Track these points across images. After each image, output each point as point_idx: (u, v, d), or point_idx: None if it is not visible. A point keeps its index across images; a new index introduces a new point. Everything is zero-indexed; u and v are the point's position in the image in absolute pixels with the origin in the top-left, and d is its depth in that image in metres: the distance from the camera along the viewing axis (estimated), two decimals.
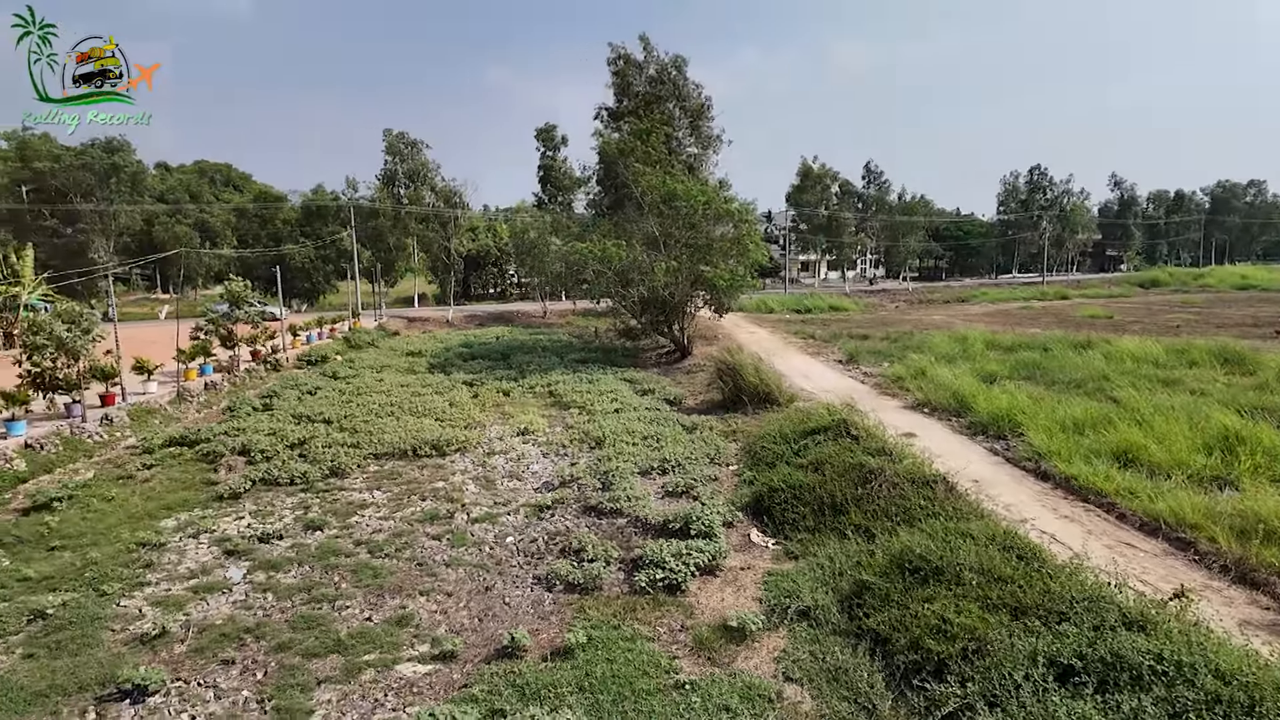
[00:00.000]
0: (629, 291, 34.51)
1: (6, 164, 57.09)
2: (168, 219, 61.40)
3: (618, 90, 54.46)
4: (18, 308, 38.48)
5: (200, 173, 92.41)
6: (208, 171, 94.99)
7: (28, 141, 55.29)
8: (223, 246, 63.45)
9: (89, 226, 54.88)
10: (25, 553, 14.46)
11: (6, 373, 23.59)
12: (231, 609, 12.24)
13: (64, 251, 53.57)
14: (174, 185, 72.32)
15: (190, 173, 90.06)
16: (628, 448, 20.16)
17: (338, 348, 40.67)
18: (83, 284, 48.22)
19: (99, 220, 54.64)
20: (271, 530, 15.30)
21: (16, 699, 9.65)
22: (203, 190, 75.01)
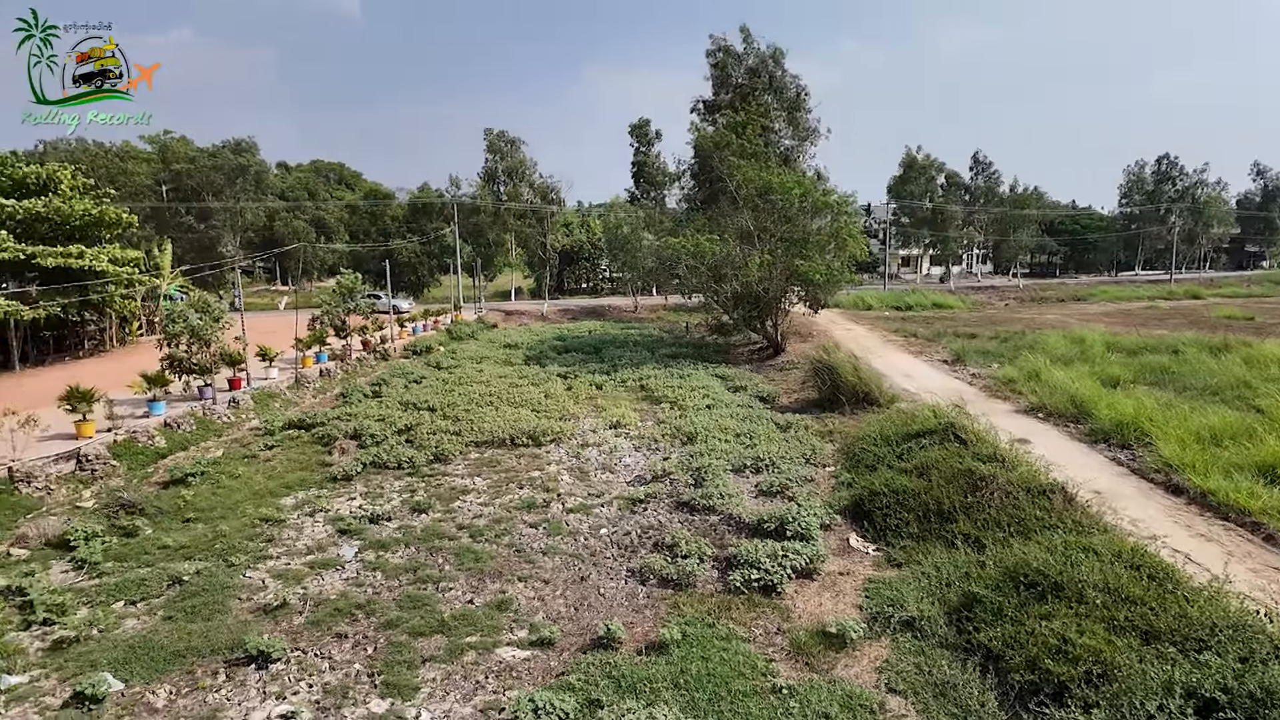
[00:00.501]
0: (722, 287, 34.19)
1: (149, 165, 62.48)
2: (287, 215, 65.76)
3: (716, 82, 53.97)
4: (158, 298, 42.08)
5: (316, 171, 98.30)
6: (322, 170, 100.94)
7: (168, 145, 60.46)
8: (336, 241, 67.41)
9: (219, 222, 59.45)
10: (165, 523, 15.75)
11: (150, 357, 25.79)
12: (344, 585, 12.92)
13: (197, 246, 58.28)
14: (293, 184, 77.27)
15: (307, 171, 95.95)
16: (720, 444, 19.98)
17: (440, 339, 42.30)
18: (213, 275, 52.18)
19: (227, 216, 59.09)
20: (381, 512, 16.06)
21: (158, 657, 10.51)
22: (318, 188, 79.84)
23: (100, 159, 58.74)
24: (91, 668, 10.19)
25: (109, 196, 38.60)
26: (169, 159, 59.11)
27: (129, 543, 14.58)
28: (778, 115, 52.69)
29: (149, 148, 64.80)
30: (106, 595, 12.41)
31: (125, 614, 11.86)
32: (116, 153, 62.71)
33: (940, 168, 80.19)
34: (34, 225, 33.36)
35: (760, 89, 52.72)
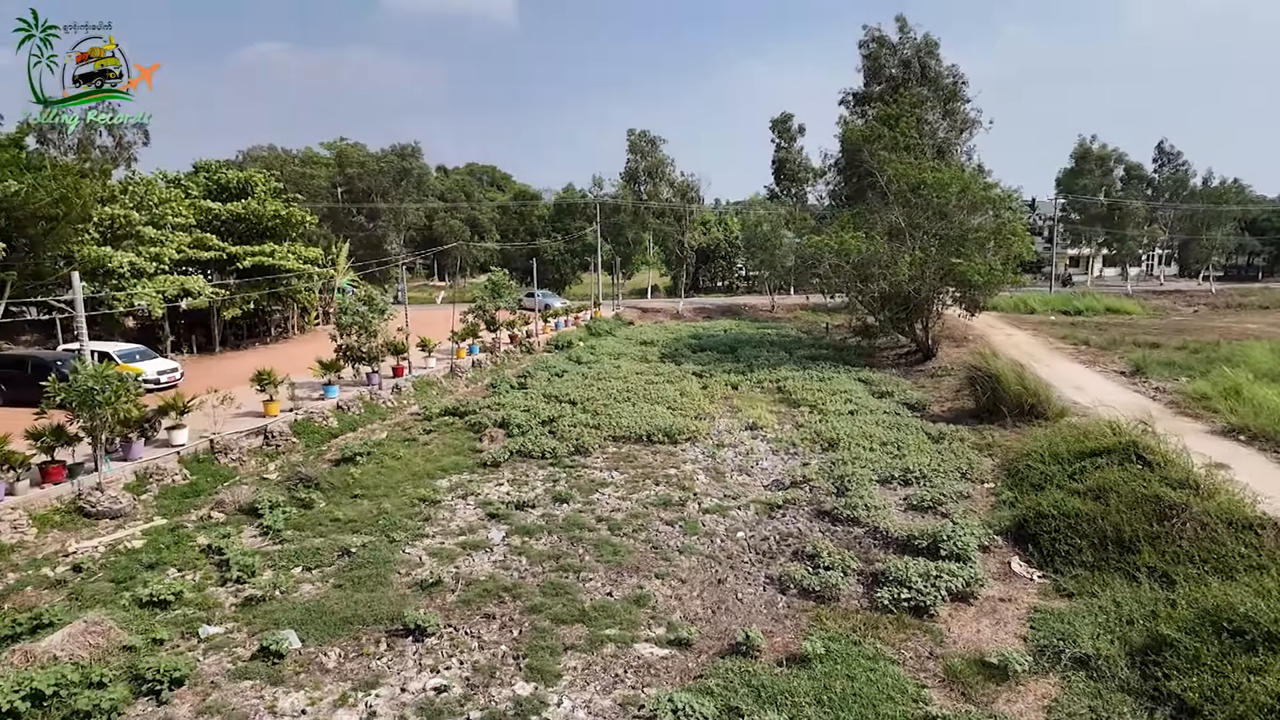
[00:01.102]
0: (868, 286, 32.72)
1: (327, 169, 68.70)
2: (445, 215, 70.27)
3: (867, 74, 51.92)
4: (333, 291, 46.23)
5: (471, 174, 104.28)
6: (477, 173, 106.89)
7: (344, 150, 66.28)
8: (488, 240, 71.27)
9: (385, 222, 64.44)
10: (336, 497, 17.19)
11: (325, 344, 28.31)
12: (492, 567, 13.51)
13: (366, 243, 63.48)
14: (451, 185, 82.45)
15: (463, 174, 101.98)
16: (865, 453, 19.10)
17: (580, 335, 43.51)
18: (379, 271, 56.65)
19: (392, 217, 63.96)
20: (526, 499, 16.68)
21: (329, 621, 11.44)
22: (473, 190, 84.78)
23: (287, 164, 65.34)
24: (275, 626, 11.25)
25: (295, 199, 42.80)
26: (344, 163, 64.77)
27: (306, 514, 16.03)
28: (932, 107, 49.84)
29: (328, 153, 71.31)
30: (287, 560, 13.70)
31: (302, 579, 13.03)
32: (300, 158, 69.50)
33: (1119, 159, 72.54)
34: (234, 225, 37.61)
35: (914, 80, 50.13)
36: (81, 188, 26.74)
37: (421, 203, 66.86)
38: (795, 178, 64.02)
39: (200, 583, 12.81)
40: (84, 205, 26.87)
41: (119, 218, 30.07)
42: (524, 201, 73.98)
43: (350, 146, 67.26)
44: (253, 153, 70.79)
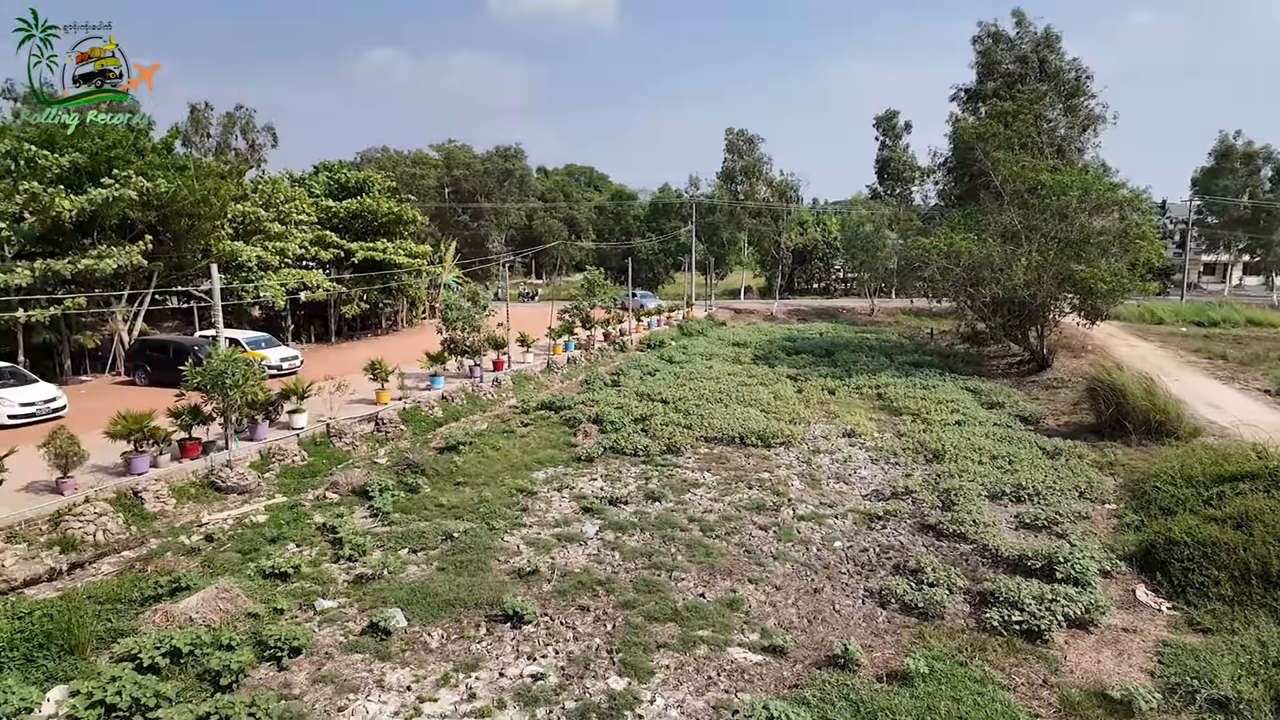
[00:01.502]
0: (978, 291, 31.14)
1: (436, 170, 71.79)
2: (544, 214, 72.11)
3: (981, 70, 49.55)
4: (440, 286, 48.27)
5: (569, 174, 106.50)
6: (575, 173, 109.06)
7: (451, 152, 69.15)
8: (584, 239, 72.64)
9: (488, 221, 66.77)
10: (440, 484, 17.89)
11: (431, 337, 29.54)
12: (586, 560, 13.70)
13: (470, 241, 65.98)
14: (551, 186, 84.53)
15: (562, 175, 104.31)
16: (973, 466, 18.19)
17: (673, 334, 43.58)
18: (481, 268, 58.68)
19: (495, 216, 66.20)
20: (619, 495, 16.84)
21: (433, 603, 11.90)
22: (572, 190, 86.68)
23: (399, 165, 68.69)
24: (383, 604, 11.81)
25: (407, 199, 44.93)
26: (451, 164, 67.55)
27: (412, 498, 16.76)
28: (1052, 103, 47.02)
29: (437, 155, 74.53)
30: (395, 542, 14.36)
31: (409, 560, 13.62)
32: (410, 159, 72.92)
33: (1268, 156, 66.05)
34: (351, 223, 39.85)
35: (1032, 75, 47.41)
36: (220, 187, 29.03)
37: (523, 203, 68.80)
38: (900, 177, 61.89)
39: (316, 558, 13.61)
40: (222, 203, 29.16)
41: (249, 215, 32.44)
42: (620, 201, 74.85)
43: (457, 148, 70.05)
44: (368, 154, 74.81)
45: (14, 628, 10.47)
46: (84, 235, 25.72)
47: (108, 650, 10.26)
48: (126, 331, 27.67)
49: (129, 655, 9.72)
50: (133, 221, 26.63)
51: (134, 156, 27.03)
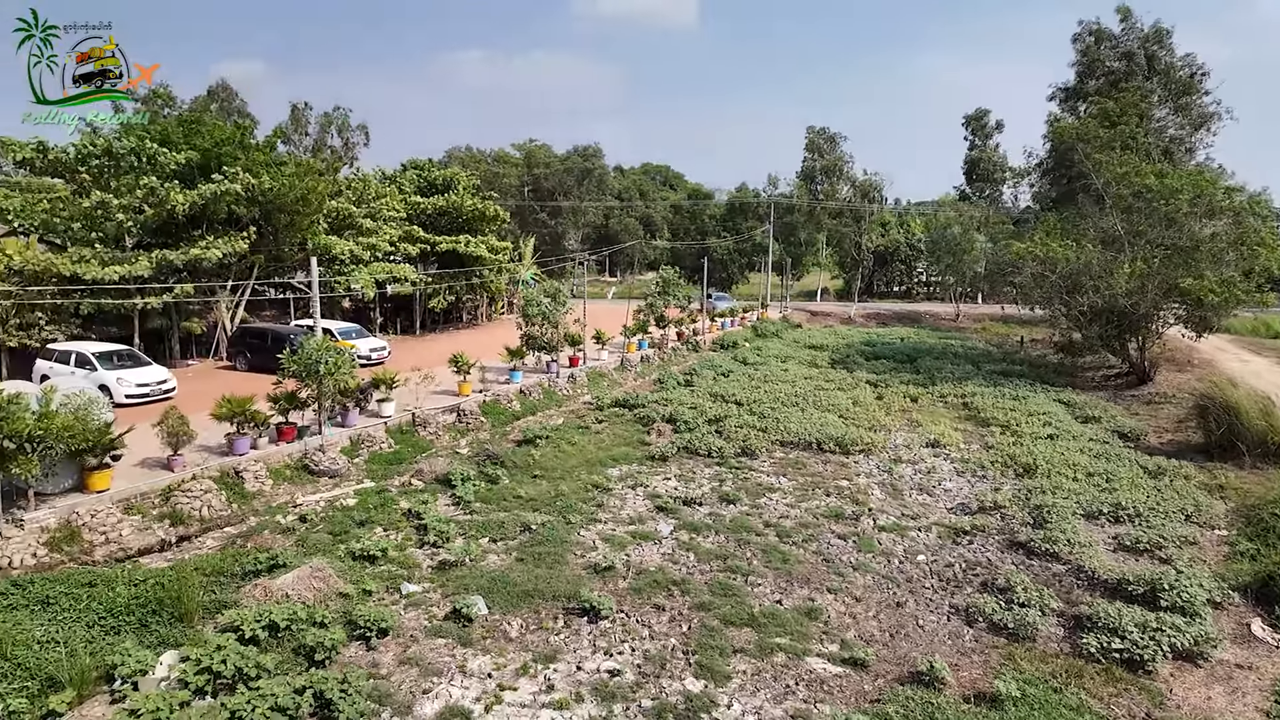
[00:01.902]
0: (1075, 299, 29.53)
1: (516, 169, 73.30)
2: (620, 213, 72.63)
3: (1082, 69, 47.06)
4: (518, 282, 49.28)
5: (645, 173, 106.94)
6: (651, 172, 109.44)
7: (532, 151, 70.51)
8: (659, 238, 72.83)
9: (565, 219, 67.77)
10: (518, 476, 18.24)
11: (509, 332, 30.18)
12: (661, 560, 13.71)
13: (548, 239, 67.10)
14: (627, 185, 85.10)
15: (638, 174, 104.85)
16: (1068, 483, 17.29)
17: (746, 335, 43.18)
18: (557, 266, 59.59)
19: (573, 214, 67.11)
20: (693, 496, 16.79)
21: (512, 593, 12.14)
22: (648, 189, 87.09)
23: (481, 163, 70.44)
24: (465, 591, 12.12)
25: (490, 196, 46.06)
26: (532, 163, 68.85)
27: (492, 488, 17.15)
28: (1161, 102, 44.21)
29: (517, 154, 76.10)
30: (476, 530, 14.72)
31: (489, 549, 13.95)
32: (492, 158, 74.68)
33: None
34: (437, 219, 41.11)
35: (1138, 73, 44.69)
36: (318, 184, 30.43)
37: (600, 201, 69.50)
38: (990, 178, 59.52)
39: (402, 543, 14.10)
40: (319, 199, 30.57)
41: (343, 210, 33.88)
42: (697, 200, 74.60)
43: (537, 147, 71.30)
44: (452, 152, 77.05)
45: (131, 594, 11.26)
46: (194, 227, 27.41)
47: (212, 620, 10.89)
48: (229, 319, 29.35)
49: (232, 626, 10.29)
50: (238, 215, 28.21)
51: (240, 153, 28.65)
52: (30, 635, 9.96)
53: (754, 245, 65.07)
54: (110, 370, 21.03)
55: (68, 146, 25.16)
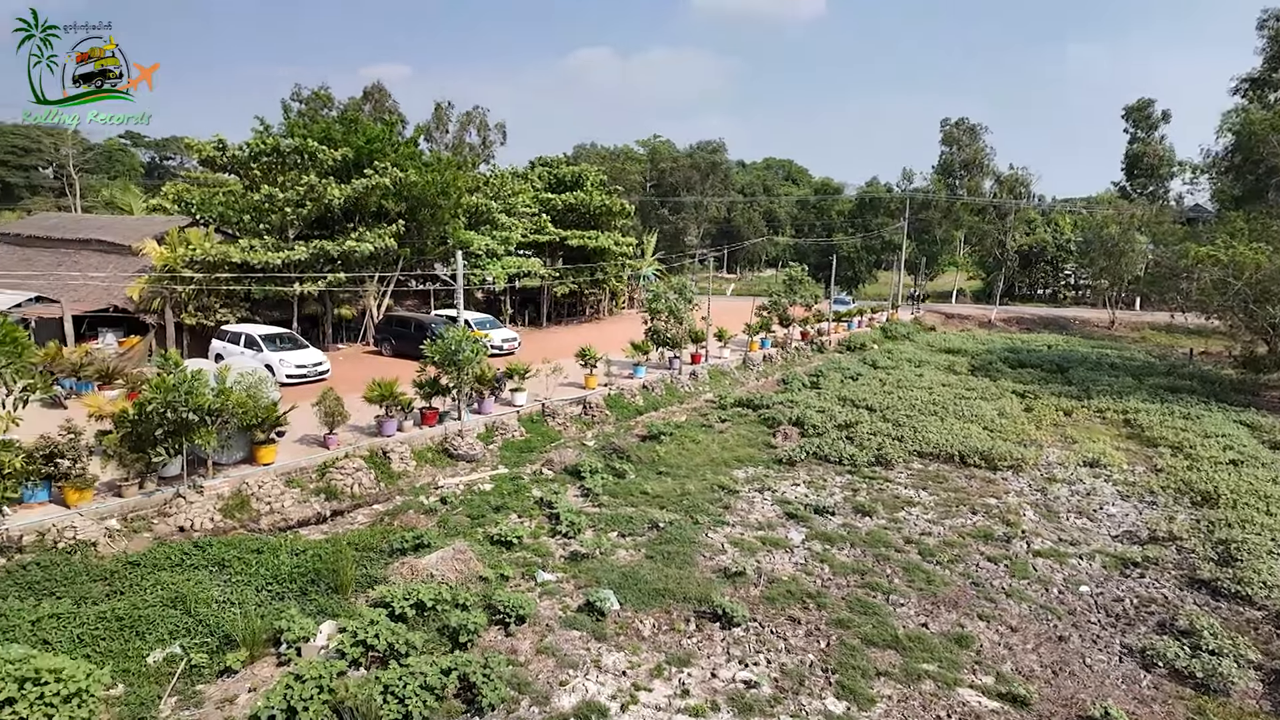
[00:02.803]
0: (1263, 309, 26.21)
1: (640, 165, 73.89)
2: (743, 208, 71.67)
3: (1269, 58, 41.71)
4: (639, 278, 49.67)
5: (767, 167, 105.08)
6: (773, 167, 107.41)
7: (657, 147, 70.87)
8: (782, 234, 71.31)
9: (687, 215, 67.61)
10: (643, 471, 18.23)
11: (629, 326, 30.34)
12: (793, 569, 13.23)
13: (668, 235, 67.20)
14: (749, 180, 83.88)
15: (759, 169, 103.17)
16: (1259, 516, 15.28)
17: (875, 337, 41.41)
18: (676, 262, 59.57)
19: (695, 210, 66.86)
20: (824, 504, 16.14)
21: (643, 590, 12.06)
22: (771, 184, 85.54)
23: (606, 159, 71.49)
24: (597, 584, 12.17)
25: (615, 190, 46.61)
26: (656, 159, 69.20)
27: (619, 482, 17.21)
28: None
29: (641, 150, 76.72)
30: (605, 524, 14.80)
31: (618, 544, 13.96)
32: (617, 154, 75.63)
33: None
34: (566, 215, 42.01)
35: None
36: (458, 179, 31.78)
37: (724, 196, 68.86)
38: (1155, 173, 54.05)
39: (535, 531, 14.37)
40: (459, 194, 31.92)
41: (480, 206, 35.22)
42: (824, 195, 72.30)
43: (661, 143, 71.55)
44: (579, 149, 78.70)
45: (293, 563, 12.07)
46: (347, 220, 29.32)
47: (364, 594, 11.48)
48: (376, 307, 31.22)
49: (382, 602, 10.78)
50: (386, 210, 29.92)
51: (390, 150, 30.34)
52: (209, 595, 10.87)
53: (884, 243, 62.34)
54: (274, 352, 22.82)
55: (243, 144, 27.52)
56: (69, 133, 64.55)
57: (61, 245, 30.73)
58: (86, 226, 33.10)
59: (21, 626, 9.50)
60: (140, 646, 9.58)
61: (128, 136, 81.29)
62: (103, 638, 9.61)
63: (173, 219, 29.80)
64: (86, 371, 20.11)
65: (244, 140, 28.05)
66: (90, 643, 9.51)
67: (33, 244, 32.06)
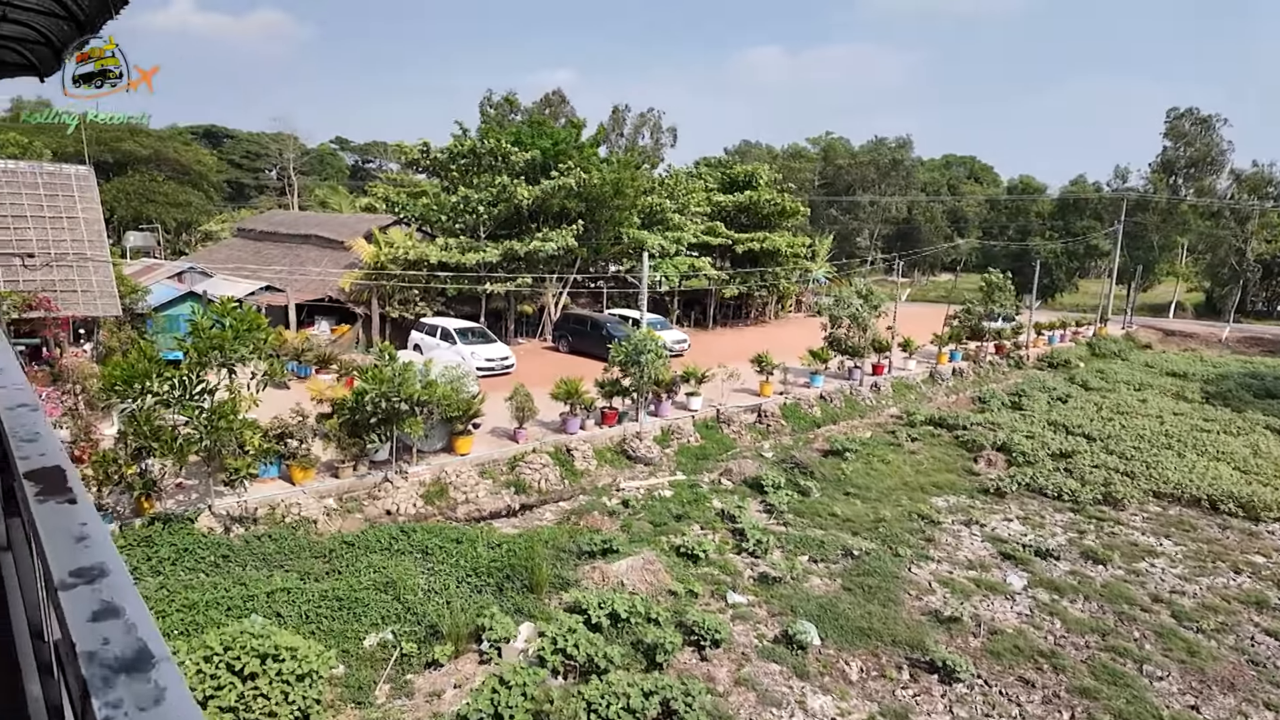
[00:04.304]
0: None
1: (811, 163, 71.38)
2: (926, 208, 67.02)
3: None
4: (809, 280, 47.80)
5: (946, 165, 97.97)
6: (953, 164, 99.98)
7: (832, 144, 68.12)
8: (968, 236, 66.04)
9: (863, 215, 64.30)
10: (829, 490, 17.10)
11: (796, 331, 28.97)
12: (1018, 621, 11.66)
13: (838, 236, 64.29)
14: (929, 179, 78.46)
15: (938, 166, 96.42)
16: None
17: (1080, 353, 37.03)
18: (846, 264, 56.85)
19: (872, 210, 63.43)
20: (1046, 546, 14.23)
21: (845, 627, 11.08)
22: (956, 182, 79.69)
23: (777, 158, 69.71)
24: (792, 612, 11.35)
25: (788, 187, 45.15)
26: (831, 157, 66.48)
27: (804, 500, 16.23)
28: None
29: (813, 148, 74.14)
30: (793, 545, 13.91)
31: (810, 570, 13.04)
32: (788, 152, 73.54)
33: None
34: (736, 215, 41.20)
35: None
36: (636, 179, 31.95)
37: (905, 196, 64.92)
38: None
39: (720, 545, 13.77)
40: (635, 194, 32.09)
41: (654, 206, 35.28)
42: (1021, 195, 65.95)
43: (836, 140, 68.71)
44: (743, 148, 77.49)
45: (490, 556, 12.26)
46: (532, 221, 30.33)
47: (557, 595, 11.41)
48: (554, 305, 32.11)
49: (577, 607, 10.62)
50: (567, 210, 30.65)
51: (574, 152, 31.04)
52: (415, 582, 11.22)
53: (1087, 248, 55.80)
54: (466, 345, 23.91)
55: (444, 148, 29.23)
56: (291, 138, 72.67)
57: (286, 240, 34.33)
58: (306, 223, 36.80)
59: (259, 597, 10.22)
60: (357, 629, 10.00)
61: (336, 141, 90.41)
62: (325, 616, 10.13)
63: (378, 217, 32.32)
64: (306, 356, 22.03)
65: (444, 145, 29.81)
66: (315, 620, 10.04)
67: (264, 238, 36.09)
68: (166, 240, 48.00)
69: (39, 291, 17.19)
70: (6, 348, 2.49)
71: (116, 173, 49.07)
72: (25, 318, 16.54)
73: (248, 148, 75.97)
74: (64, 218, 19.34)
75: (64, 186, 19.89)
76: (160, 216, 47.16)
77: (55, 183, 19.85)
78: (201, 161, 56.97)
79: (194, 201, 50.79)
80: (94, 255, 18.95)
